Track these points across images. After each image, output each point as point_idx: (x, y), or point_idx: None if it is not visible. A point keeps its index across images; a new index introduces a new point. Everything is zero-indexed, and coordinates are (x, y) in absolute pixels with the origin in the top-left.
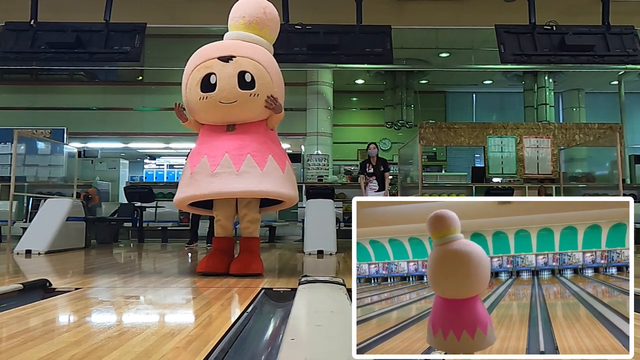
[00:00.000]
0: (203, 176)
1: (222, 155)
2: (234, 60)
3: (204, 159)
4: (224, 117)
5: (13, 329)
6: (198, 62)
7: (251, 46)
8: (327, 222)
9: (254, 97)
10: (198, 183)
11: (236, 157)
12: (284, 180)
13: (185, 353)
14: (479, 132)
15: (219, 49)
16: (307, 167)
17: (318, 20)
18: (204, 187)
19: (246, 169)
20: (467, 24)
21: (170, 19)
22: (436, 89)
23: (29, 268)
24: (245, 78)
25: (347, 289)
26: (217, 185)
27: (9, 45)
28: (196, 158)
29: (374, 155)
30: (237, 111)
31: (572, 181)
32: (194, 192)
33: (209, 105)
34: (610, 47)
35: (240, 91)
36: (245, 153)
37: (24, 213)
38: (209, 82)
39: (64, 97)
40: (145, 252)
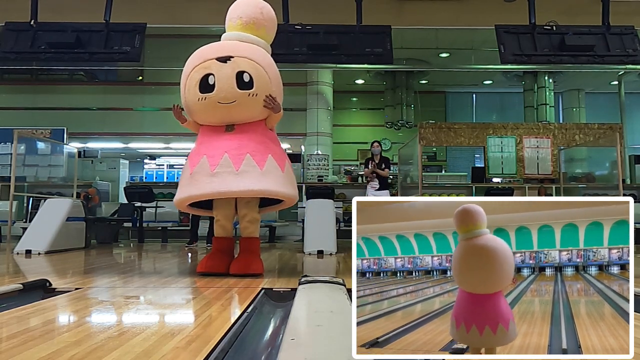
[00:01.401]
0: (202, 176)
1: (222, 155)
2: (232, 60)
3: (204, 159)
4: (223, 117)
5: (13, 329)
6: (196, 63)
7: (249, 46)
8: (327, 222)
9: (252, 97)
10: (198, 183)
11: (236, 157)
12: (283, 180)
13: (185, 353)
14: (479, 132)
15: (217, 49)
16: (307, 167)
17: (318, 20)
18: (204, 187)
19: (246, 168)
20: (467, 24)
21: (170, 19)
22: (436, 89)
23: (29, 268)
24: (243, 78)
25: (347, 289)
26: (217, 185)
27: (9, 45)
28: (195, 158)
29: (377, 153)
30: (236, 111)
31: (572, 181)
32: (194, 192)
33: (208, 105)
34: (610, 47)
35: (239, 91)
36: (245, 152)
37: (24, 213)
38: (207, 82)
39: (64, 97)
40: (145, 252)
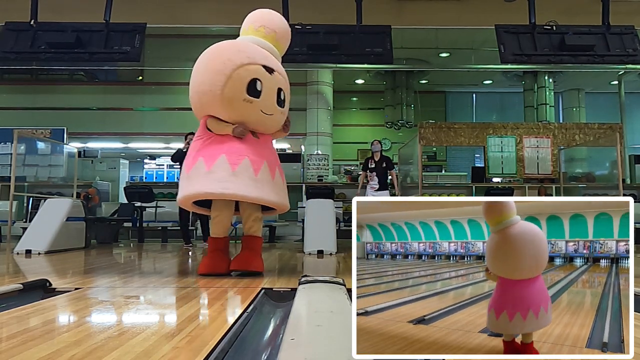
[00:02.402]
0: (246, 180)
1: (243, 158)
2: (274, 74)
3: (223, 158)
4: (257, 124)
5: (13, 329)
6: (244, 61)
7: (277, 62)
8: (327, 222)
9: (282, 115)
10: (241, 184)
11: (256, 163)
12: (277, 189)
13: (185, 353)
14: (479, 132)
15: (262, 56)
16: (307, 167)
17: (318, 20)
18: (250, 190)
19: (263, 176)
20: (467, 24)
21: (170, 19)
22: (436, 89)
23: (29, 268)
24: (280, 95)
25: (347, 289)
26: (236, 187)
27: (9, 45)
28: (234, 156)
29: (377, 150)
30: (269, 123)
31: (572, 181)
32: (238, 191)
33: (250, 109)
34: (610, 47)
35: (277, 107)
36: (263, 160)
37: (24, 213)
38: (255, 87)
39: (64, 97)
40: (145, 252)
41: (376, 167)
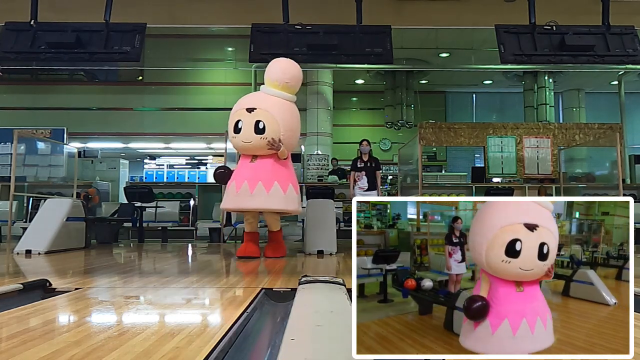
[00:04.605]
0: (245, 196)
1: (257, 183)
2: (255, 111)
3: (245, 184)
4: (245, 151)
5: (13, 329)
6: (235, 110)
7: (273, 100)
8: (327, 222)
9: (263, 139)
10: (241, 199)
11: (251, 183)
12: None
13: (185, 353)
14: (479, 132)
15: (250, 100)
16: (307, 167)
17: (318, 20)
18: (246, 203)
19: (257, 192)
20: (467, 24)
21: (170, 19)
22: (436, 89)
23: (29, 268)
24: (259, 125)
25: (347, 289)
26: (238, 203)
27: (9, 45)
28: (240, 181)
29: (366, 152)
30: (252, 149)
31: (572, 181)
32: (227, 205)
33: (236, 143)
34: (610, 47)
35: (254, 135)
36: (257, 180)
37: (24, 213)
38: (237, 126)
39: (64, 97)
40: (145, 252)
41: (365, 167)
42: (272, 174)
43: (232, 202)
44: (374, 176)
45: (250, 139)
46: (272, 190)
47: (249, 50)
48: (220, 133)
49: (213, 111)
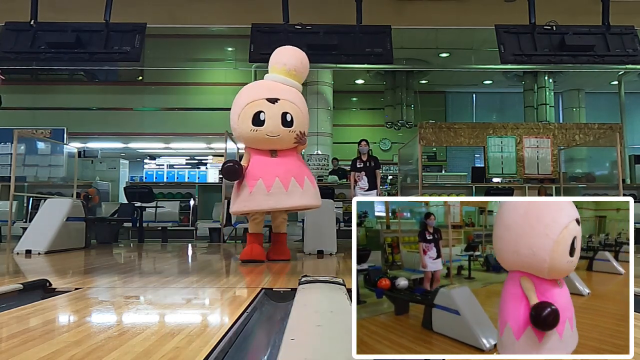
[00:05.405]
0: (260, 195)
1: (274, 179)
2: (279, 102)
3: (260, 182)
4: (268, 146)
5: (13, 329)
6: (249, 100)
7: (290, 90)
8: (327, 222)
9: (292, 133)
10: (256, 200)
11: (284, 180)
12: (315, 194)
13: (185, 353)
14: (479, 132)
15: (268, 89)
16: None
17: (318, 20)
18: (262, 204)
19: (292, 188)
20: (467, 24)
21: (170, 19)
22: (436, 89)
23: (29, 268)
24: (286, 118)
25: (347, 289)
26: (273, 203)
27: (9, 45)
28: (253, 181)
29: (365, 152)
30: (279, 143)
31: (572, 181)
32: (253, 206)
33: (258, 136)
34: (610, 47)
35: (282, 128)
36: (290, 176)
37: (24, 213)
38: (259, 118)
39: (64, 97)
40: (145, 252)
41: (365, 167)
42: (300, 169)
43: (263, 202)
44: (374, 176)
45: (277, 132)
46: (306, 186)
47: (249, 50)
48: (220, 133)
49: (213, 111)
